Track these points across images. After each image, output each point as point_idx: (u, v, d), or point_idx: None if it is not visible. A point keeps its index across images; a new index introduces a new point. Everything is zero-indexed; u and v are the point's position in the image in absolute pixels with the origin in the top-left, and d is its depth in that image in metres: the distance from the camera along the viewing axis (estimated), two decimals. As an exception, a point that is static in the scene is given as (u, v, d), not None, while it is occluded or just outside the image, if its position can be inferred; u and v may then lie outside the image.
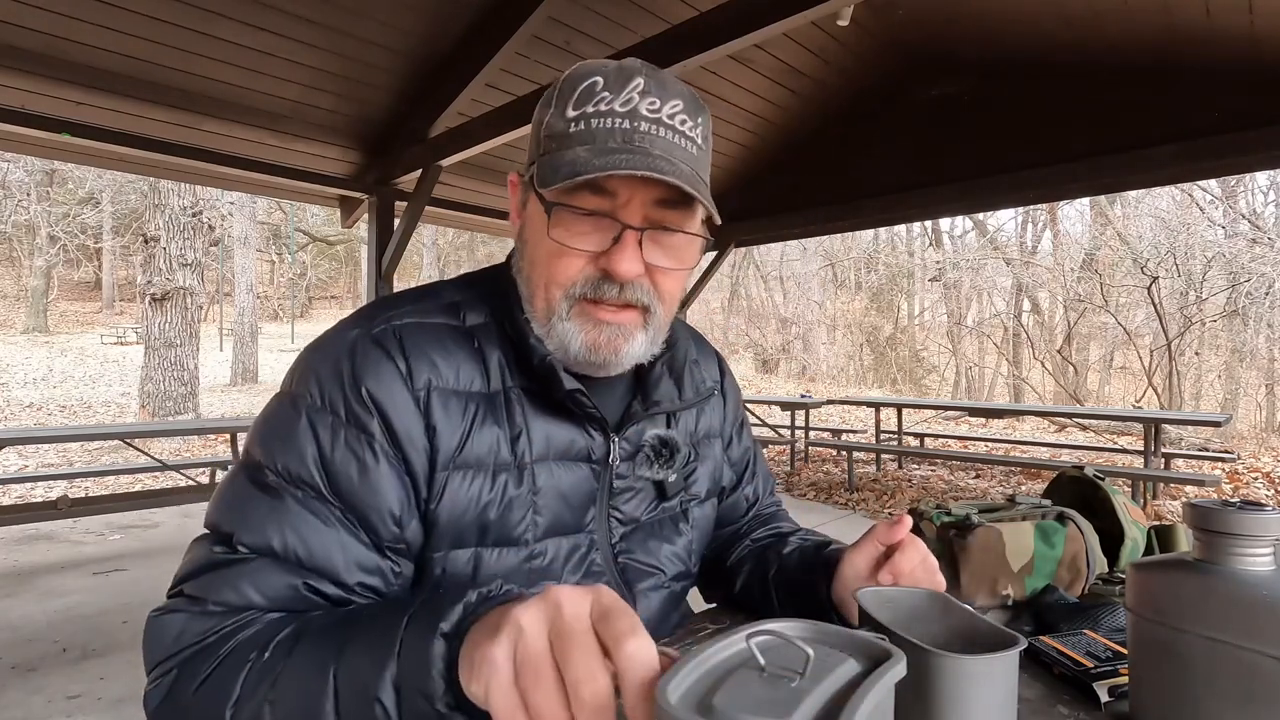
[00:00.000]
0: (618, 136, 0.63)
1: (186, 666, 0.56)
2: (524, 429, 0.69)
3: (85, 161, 4.63)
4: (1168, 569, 0.60)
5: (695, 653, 0.38)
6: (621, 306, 0.67)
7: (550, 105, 0.67)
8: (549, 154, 0.65)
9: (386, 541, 0.63)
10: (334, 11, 3.34)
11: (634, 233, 0.64)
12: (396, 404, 0.64)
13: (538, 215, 0.67)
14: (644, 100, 0.64)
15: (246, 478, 0.63)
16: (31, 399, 11.35)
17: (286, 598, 0.59)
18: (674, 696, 0.34)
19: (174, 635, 0.57)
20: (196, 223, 9.17)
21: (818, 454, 7.72)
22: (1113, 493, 1.05)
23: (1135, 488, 5.30)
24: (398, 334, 0.67)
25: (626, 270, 0.64)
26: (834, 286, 22.22)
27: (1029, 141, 4.36)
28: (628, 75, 0.65)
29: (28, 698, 2.48)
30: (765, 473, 1.00)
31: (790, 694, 0.35)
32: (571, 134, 0.64)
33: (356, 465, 0.62)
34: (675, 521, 0.81)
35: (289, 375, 0.67)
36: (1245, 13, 3.12)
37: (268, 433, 0.64)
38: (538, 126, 0.69)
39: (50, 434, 4.13)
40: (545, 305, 0.68)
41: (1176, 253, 12.81)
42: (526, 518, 0.68)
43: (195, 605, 0.58)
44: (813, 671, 0.36)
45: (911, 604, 0.61)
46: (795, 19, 2.34)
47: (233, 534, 0.60)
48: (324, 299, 29.66)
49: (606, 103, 0.64)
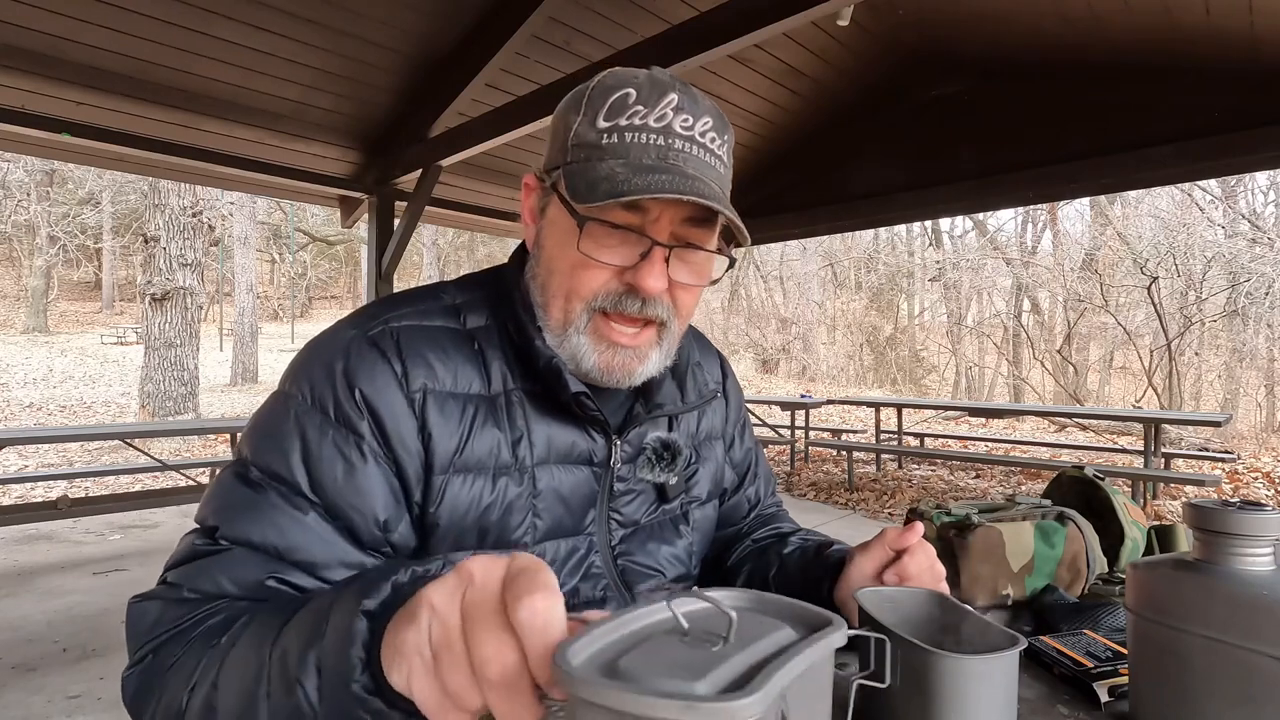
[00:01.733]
0: (652, 153, 0.63)
1: (160, 651, 0.56)
2: (525, 432, 0.69)
3: (85, 161, 4.63)
4: (1168, 569, 0.60)
5: (612, 617, 0.35)
6: (640, 322, 0.67)
7: (578, 112, 0.67)
8: (578, 164, 0.65)
9: (369, 544, 0.63)
10: (334, 11, 3.34)
11: (662, 249, 0.64)
12: (389, 406, 0.64)
13: (563, 224, 0.66)
14: (678, 117, 0.64)
15: (234, 474, 0.64)
16: (31, 399, 11.35)
17: (258, 586, 0.59)
18: (576, 659, 0.31)
19: (151, 621, 0.58)
20: (196, 223, 9.17)
21: (818, 454, 7.72)
22: (1113, 493, 1.05)
23: (1135, 488, 5.30)
24: (395, 335, 0.66)
25: (653, 286, 0.64)
26: (834, 286, 22.22)
27: (1029, 141, 4.36)
28: (662, 90, 0.65)
29: (28, 698, 2.48)
30: (767, 473, 1.00)
31: (710, 658, 0.31)
32: (604, 145, 0.64)
33: (342, 465, 0.62)
34: (675, 524, 0.81)
35: (285, 374, 0.68)
36: (1245, 13, 3.12)
37: (258, 431, 0.65)
38: (563, 131, 0.68)
39: (50, 434, 4.13)
40: (563, 315, 0.67)
41: (1176, 253, 12.81)
42: (526, 520, 0.68)
43: (172, 592, 0.59)
44: (739, 637, 0.33)
45: (911, 604, 0.61)
46: (795, 19, 2.34)
47: (216, 527, 0.61)
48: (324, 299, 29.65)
49: (641, 116, 0.64)
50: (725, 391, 0.92)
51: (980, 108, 4.60)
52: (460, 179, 4.86)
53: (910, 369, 20.14)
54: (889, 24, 4.35)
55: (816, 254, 20.79)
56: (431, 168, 4.14)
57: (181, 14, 3.14)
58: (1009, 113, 4.48)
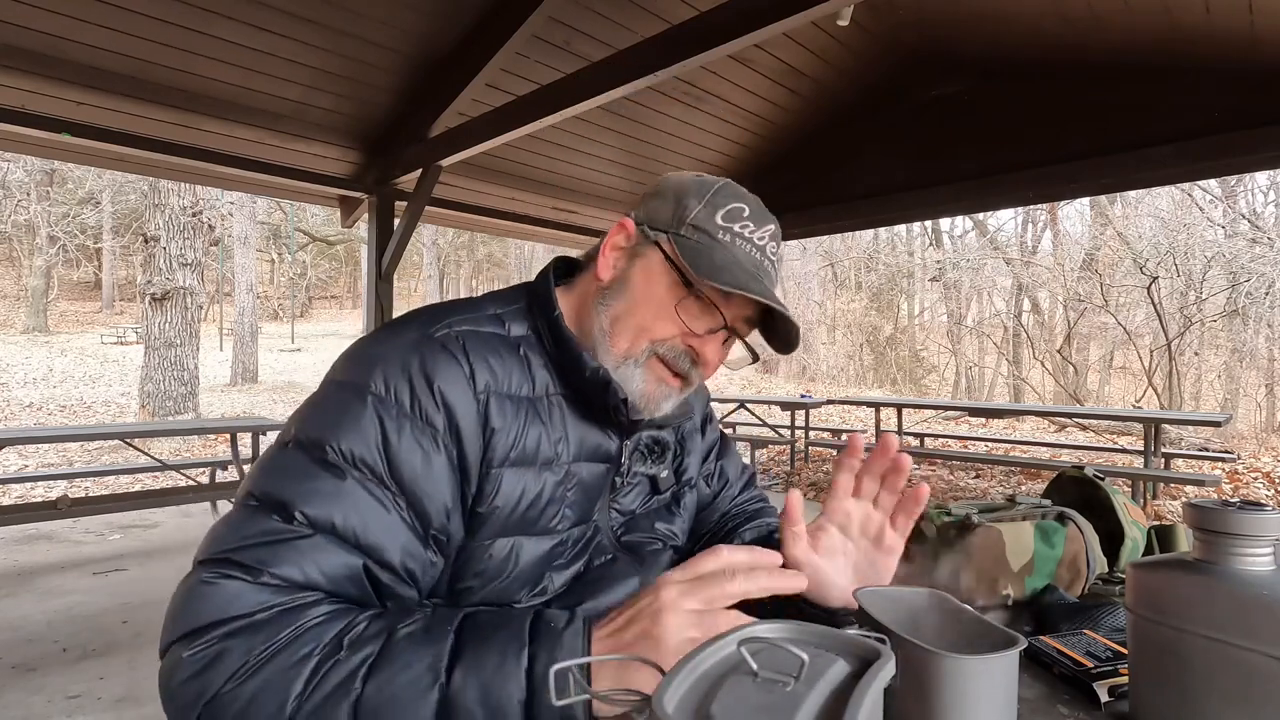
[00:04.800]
0: (752, 263, 0.77)
1: (237, 640, 0.55)
2: (564, 432, 0.77)
3: (85, 161, 4.63)
4: (1168, 569, 0.60)
5: (686, 659, 0.39)
6: (685, 381, 0.78)
7: (700, 200, 0.78)
8: (694, 242, 0.76)
9: (435, 531, 0.67)
10: (334, 11, 3.34)
11: (725, 332, 0.77)
12: (461, 403, 0.69)
13: (663, 278, 0.76)
14: (770, 243, 0.80)
15: (303, 454, 0.63)
16: (31, 399, 11.35)
17: (345, 578, 0.60)
18: (670, 705, 0.34)
19: (224, 601, 0.56)
20: (196, 222, 9.17)
21: (818, 454, 7.72)
22: (1113, 493, 1.05)
23: (1135, 488, 5.31)
24: (461, 339, 0.72)
25: (712, 359, 0.78)
26: (834, 286, 22.23)
27: (1029, 141, 4.36)
28: (767, 218, 0.80)
29: (28, 698, 2.48)
30: (735, 454, 1.08)
31: (786, 699, 0.35)
32: (720, 241, 0.76)
33: (421, 455, 0.66)
34: (667, 508, 0.90)
35: (345, 366, 0.70)
36: (1245, 13, 3.12)
37: (325, 416, 0.66)
38: (680, 207, 0.78)
39: (50, 434, 4.13)
40: (628, 346, 0.76)
41: (1176, 253, 12.80)
42: (560, 511, 0.76)
43: (250, 574, 0.57)
44: (806, 675, 0.37)
45: (911, 604, 0.61)
46: (795, 19, 2.34)
47: (291, 503, 0.60)
48: (324, 299, 29.67)
49: (750, 231, 0.78)
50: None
51: (980, 108, 4.60)
52: (460, 179, 4.86)
53: (910, 369, 20.14)
54: (889, 24, 4.35)
55: (816, 254, 20.79)
56: (431, 168, 4.13)
57: (181, 14, 3.14)
58: (1009, 113, 4.48)
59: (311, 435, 0.64)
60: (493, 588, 0.72)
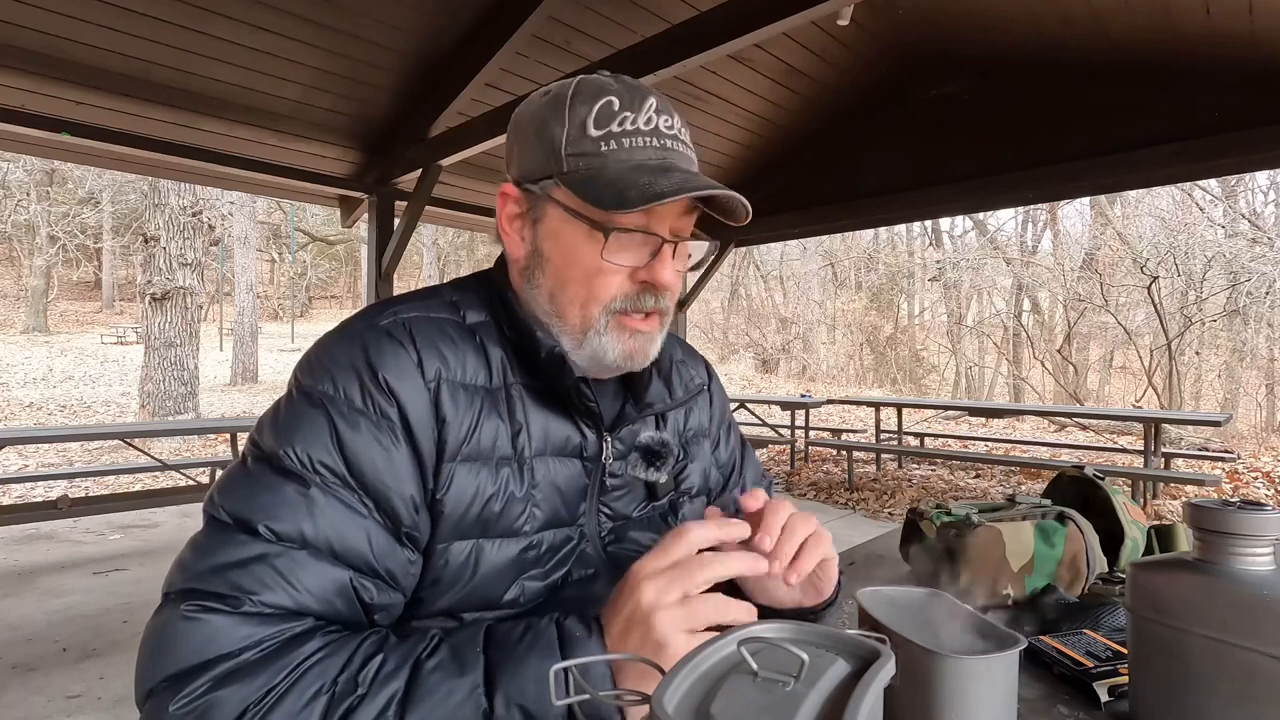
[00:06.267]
0: (653, 154, 0.67)
1: (229, 688, 0.51)
2: (524, 424, 0.70)
3: (85, 161, 4.63)
4: (1168, 569, 0.60)
5: (686, 659, 0.39)
6: (656, 314, 0.71)
7: (560, 121, 0.67)
8: (580, 172, 0.66)
9: (406, 527, 0.63)
10: (334, 11, 3.34)
11: (669, 245, 0.68)
12: (411, 393, 0.65)
13: (571, 233, 0.68)
14: (660, 118, 0.68)
15: (264, 465, 0.61)
16: (31, 399, 11.35)
17: (334, 594, 0.58)
18: (670, 705, 0.34)
19: (205, 639, 0.52)
20: (196, 222, 9.17)
21: (818, 454, 7.72)
22: (1113, 492, 1.05)
23: (1135, 487, 5.31)
24: (407, 326, 0.68)
25: (670, 281, 0.69)
26: (834, 286, 22.22)
27: (1029, 141, 4.36)
28: (641, 94, 0.68)
29: (28, 698, 2.48)
30: (757, 473, 1.00)
31: (786, 699, 0.35)
32: (604, 153, 0.66)
33: (380, 451, 0.62)
34: (665, 518, 0.83)
35: (299, 373, 0.67)
36: (1245, 13, 3.12)
37: (281, 424, 0.63)
38: (547, 141, 0.68)
39: (50, 434, 4.13)
40: (581, 321, 0.69)
41: (1176, 252, 12.81)
42: (526, 510, 0.69)
43: (229, 604, 0.54)
44: (806, 675, 0.37)
45: (911, 604, 0.61)
46: (795, 19, 2.34)
47: (254, 520, 0.57)
48: (324, 299, 29.66)
49: (630, 122, 0.67)
50: (710, 390, 0.94)
51: (980, 108, 4.60)
52: (460, 179, 4.86)
53: (910, 369, 20.15)
54: (889, 24, 4.35)
55: (816, 254, 20.80)
56: (431, 168, 4.13)
57: (181, 14, 3.14)
58: (1009, 113, 4.48)
59: (268, 445, 0.62)
60: (450, 596, 0.66)
